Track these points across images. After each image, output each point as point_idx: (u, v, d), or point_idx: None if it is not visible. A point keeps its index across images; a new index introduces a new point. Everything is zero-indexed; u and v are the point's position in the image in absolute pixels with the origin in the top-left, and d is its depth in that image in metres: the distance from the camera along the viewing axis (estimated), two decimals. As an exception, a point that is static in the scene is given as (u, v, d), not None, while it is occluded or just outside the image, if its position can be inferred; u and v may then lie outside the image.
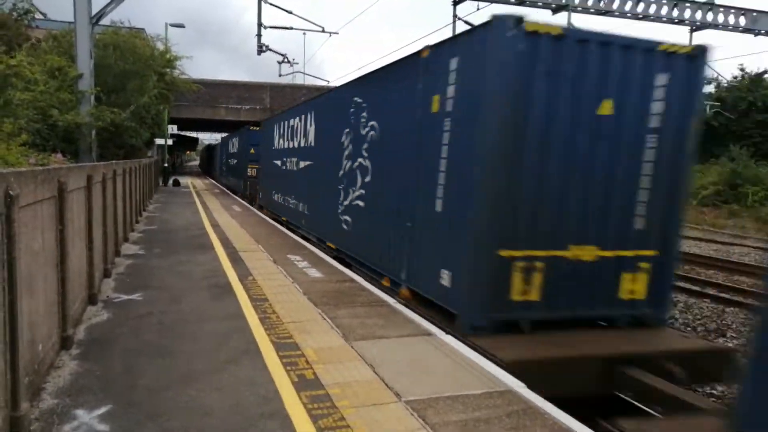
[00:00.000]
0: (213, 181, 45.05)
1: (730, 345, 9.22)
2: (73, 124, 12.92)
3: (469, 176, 6.18)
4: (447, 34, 23.66)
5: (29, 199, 4.04)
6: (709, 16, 29.19)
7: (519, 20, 5.79)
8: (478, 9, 22.26)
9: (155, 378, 4.68)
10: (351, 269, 9.66)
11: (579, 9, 26.85)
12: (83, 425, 3.84)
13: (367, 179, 9.39)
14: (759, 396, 2.40)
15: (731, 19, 29.70)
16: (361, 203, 9.67)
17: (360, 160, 9.67)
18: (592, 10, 27.25)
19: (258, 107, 48.95)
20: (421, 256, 7.35)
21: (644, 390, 5.54)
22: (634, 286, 6.64)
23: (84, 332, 5.81)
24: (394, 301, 7.55)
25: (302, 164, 14.33)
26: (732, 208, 27.09)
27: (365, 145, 9.46)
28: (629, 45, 6.24)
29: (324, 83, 41.52)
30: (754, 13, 30.03)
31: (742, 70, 34.98)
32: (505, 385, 4.76)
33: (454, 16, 23.31)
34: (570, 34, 6.18)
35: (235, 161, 31.77)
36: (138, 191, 15.42)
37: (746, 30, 30.08)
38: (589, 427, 4.11)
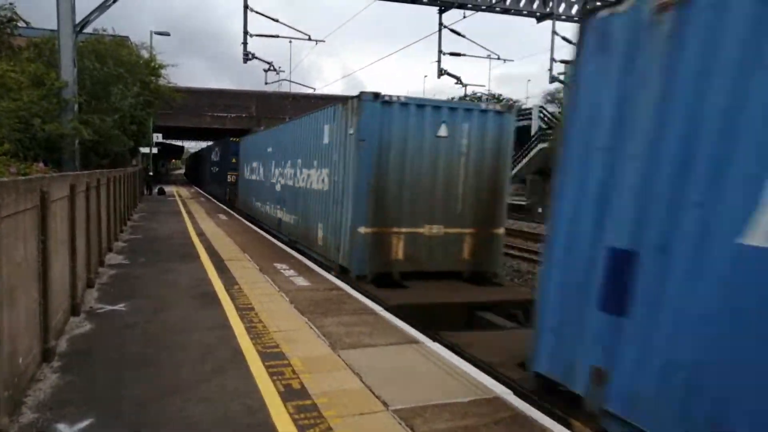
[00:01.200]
0: (199, 189, 44.78)
1: None
2: (56, 134, 12.76)
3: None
4: (434, 41, 23.80)
5: (10, 210, 3.97)
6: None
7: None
8: (464, 17, 22.40)
9: (140, 390, 4.61)
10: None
11: (563, 17, 27.20)
12: (65, 439, 3.78)
13: None
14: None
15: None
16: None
17: None
18: (576, 18, 27.63)
19: (244, 115, 48.83)
20: None
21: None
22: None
23: (66, 344, 5.72)
24: (381, 309, 7.54)
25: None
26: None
27: None
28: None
29: (310, 91, 41.36)
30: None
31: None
32: (492, 393, 4.76)
33: (440, 24, 23.47)
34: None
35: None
36: (122, 200, 15.26)
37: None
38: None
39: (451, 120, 9.93)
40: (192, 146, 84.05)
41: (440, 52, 24.11)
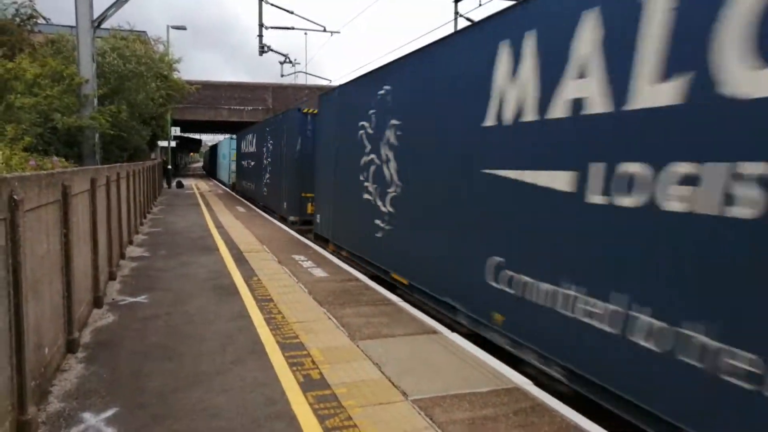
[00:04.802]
0: (217, 183, 45.21)
1: None
2: (75, 127, 12.92)
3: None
4: (449, 30, 23.64)
5: (33, 204, 4.04)
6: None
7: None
8: (480, 5, 22.13)
9: (162, 380, 4.68)
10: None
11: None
12: (90, 428, 3.85)
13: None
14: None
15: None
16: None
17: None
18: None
19: (260, 108, 49.01)
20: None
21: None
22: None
23: (90, 335, 5.82)
24: (399, 299, 7.55)
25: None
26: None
27: None
28: None
29: (326, 83, 41.30)
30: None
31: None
32: (512, 383, 4.74)
33: (456, 12, 23.25)
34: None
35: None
36: (142, 193, 15.44)
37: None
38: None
39: None
40: (210, 139, 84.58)
41: (456, 41, 23.88)
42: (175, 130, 31.98)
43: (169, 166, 34.71)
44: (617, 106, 4.19)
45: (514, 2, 6.53)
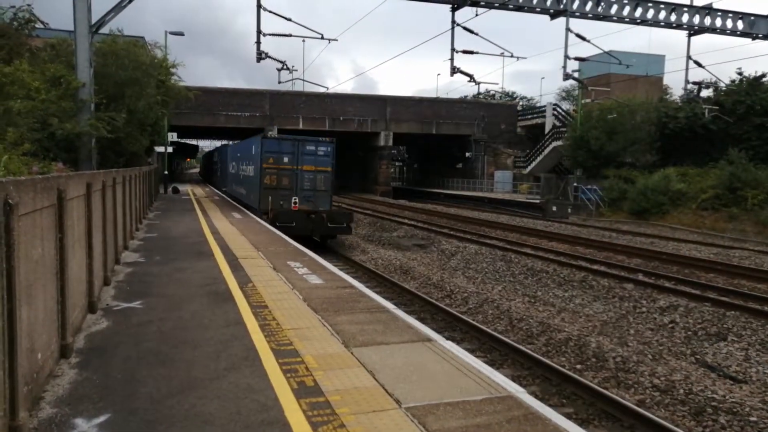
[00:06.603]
0: (214, 189, 45.18)
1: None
2: (73, 133, 12.92)
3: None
4: (446, 38, 23.69)
5: (28, 208, 4.04)
6: (707, 20, 29.24)
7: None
8: (476, 15, 22.36)
9: (155, 386, 4.67)
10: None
11: (577, 14, 26.93)
12: (82, 434, 3.83)
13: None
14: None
15: (729, 23, 29.76)
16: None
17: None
18: (590, 15, 27.31)
19: (258, 114, 48.99)
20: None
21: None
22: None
23: (84, 340, 5.80)
24: (395, 307, 7.55)
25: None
26: (732, 211, 26.88)
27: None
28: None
29: (323, 89, 41.31)
30: (752, 17, 30.09)
31: (740, 74, 34.73)
32: (505, 391, 4.75)
33: (453, 21, 23.43)
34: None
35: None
36: (138, 199, 15.42)
37: (744, 34, 30.13)
38: None
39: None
40: (207, 145, 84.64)
41: (453, 50, 24.03)
42: (172, 136, 32.01)
43: (165, 172, 34.69)
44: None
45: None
